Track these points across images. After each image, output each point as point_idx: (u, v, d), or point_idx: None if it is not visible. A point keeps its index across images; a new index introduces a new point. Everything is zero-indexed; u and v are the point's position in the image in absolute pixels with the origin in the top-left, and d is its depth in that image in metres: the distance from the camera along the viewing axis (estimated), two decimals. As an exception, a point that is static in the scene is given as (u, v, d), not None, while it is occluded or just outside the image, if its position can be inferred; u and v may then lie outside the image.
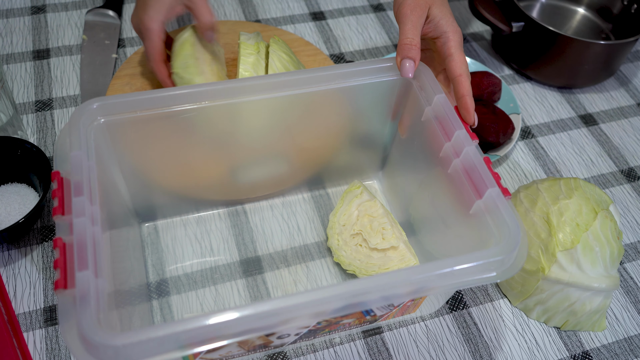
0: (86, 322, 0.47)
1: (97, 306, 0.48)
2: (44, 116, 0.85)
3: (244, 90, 0.64)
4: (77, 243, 0.51)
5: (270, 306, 0.49)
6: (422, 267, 0.52)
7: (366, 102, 0.70)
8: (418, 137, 0.69)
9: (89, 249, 0.51)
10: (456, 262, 0.52)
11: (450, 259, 0.53)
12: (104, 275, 0.51)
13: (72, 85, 0.89)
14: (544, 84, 0.99)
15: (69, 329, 0.48)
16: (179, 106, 0.62)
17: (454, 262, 0.52)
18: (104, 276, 0.51)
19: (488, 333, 0.70)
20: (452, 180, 0.62)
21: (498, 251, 0.53)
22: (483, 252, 0.53)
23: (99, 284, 0.50)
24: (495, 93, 0.88)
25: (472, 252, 0.53)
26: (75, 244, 0.51)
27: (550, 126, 0.94)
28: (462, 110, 0.64)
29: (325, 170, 0.80)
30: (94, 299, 0.48)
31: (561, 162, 0.89)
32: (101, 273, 0.51)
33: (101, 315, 0.48)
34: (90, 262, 0.50)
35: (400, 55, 0.65)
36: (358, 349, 0.68)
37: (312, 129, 0.72)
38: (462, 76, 0.65)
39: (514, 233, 0.54)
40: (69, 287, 0.49)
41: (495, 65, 1.02)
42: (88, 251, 0.51)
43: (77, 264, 0.49)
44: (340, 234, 0.73)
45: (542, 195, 0.71)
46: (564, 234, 0.67)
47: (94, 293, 0.49)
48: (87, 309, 0.47)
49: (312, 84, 0.66)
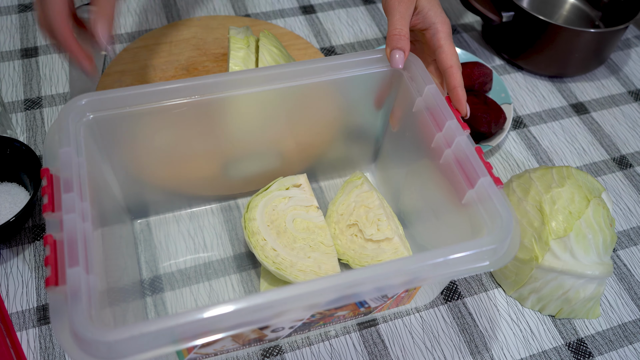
0: (78, 318, 0.46)
1: (88, 302, 0.48)
2: (33, 115, 0.84)
3: (235, 84, 0.63)
4: (67, 239, 0.50)
5: (264, 299, 0.49)
6: (415, 257, 0.52)
7: (357, 94, 0.70)
8: (409, 128, 0.69)
9: (79, 245, 0.50)
10: (449, 252, 0.52)
11: (443, 248, 0.52)
12: (96, 272, 0.51)
13: (61, 83, 0.89)
14: (535, 74, 0.99)
15: (61, 326, 0.47)
16: (169, 101, 0.62)
17: (447, 251, 0.52)
18: (96, 273, 0.51)
19: (483, 323, 0.70)
20: (444, 170, 0.62)
21: (491, 240, 0.53)
22: (476, 242, 0.53)
23: (90, 280, 0.50)
24: (486, 83, 0.88)
25: (465, 242, 0.53)
26: (65, 241, 0.50)
27: (542, 115, 0.94)
28: (454, 102, 0.64)
29: (318, 164, 0.80)
30: (86, 295, 0.48)
31: (553, 151, 0.89)
32: (92, 269, 0.50)
33: (93, 312, 0.48)
34: (81, 259, 0.50)
35: (390, 46, 0.64)
36: (354, 341, 0.68)
37: (304, 122, 0.72)
38: (453, 67, 0.65)
39: (507, 221, 0.54)
40: (60, 284, 0.49)
41: (486, 55, 1.02)
42: (79, 247, 0.50)
43: (68, 260, 0.49)
44: (337, 223, 0.73)
45: (535, 184, 0.71)
46: (556, 222, 0.67)
47: (86, 289, 0.48)
48: (79, 305, 0.47)
49: (303, 76, 0.65)
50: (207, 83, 0.63)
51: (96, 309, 0.48)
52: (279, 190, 0.72)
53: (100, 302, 0.50)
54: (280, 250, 0.67)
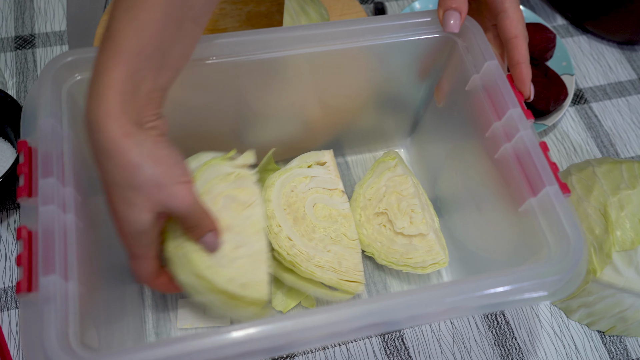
0: (49, 340, 0.39)
1: (64, 319, 0.40)
2: (25, 55, 0.74)
3: (254, 46, 0.53)
4: (42, 239, 0.42)
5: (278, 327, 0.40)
6: (460, 285, 0.43)
7: (399, 62, 0.59)
8: (459, 108, 0.58)
9: (57, 245, 0.42)
10: (502, 281, 0.43)
11: (494, 277, 0.43)
12: (77, 278, 0.42)
13: (57, 19, 0.78)
14: (603, 38, 0.86)
15: (31, 345, 0.40)
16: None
17: (499, 281, 0.43)
18: (77, 279, 0.42)
19: (522, 335, 0.62)
20: (499, 167, 0.52)
21: (554, 269, 0.44)
22: (535, 269, 0.44)
23: (69, 290, 0.42)
24: (548, 50, 0.75)
25: (522, 269, 0.44)
26: (40, 240, 0.42)
27: (607, 90, 0.81)
28: (516, 82, 0.53)
29: (347, 134, 0.70)
30: (61, 310, 0.40)
31: (616, 134, 0.77)
32: (73, 275, 0.42)
33: (71, 330, 0.40)
34: (58, 263, 0.42)
35: (443, 6, 0.53)
36: (374, 347, 0.60)
37: (333, 84, 0.62)
38: (518, 38, 0.53)
39: (576, 247, 0.44)
40: (33, 290, 0.41)
41: (546, 12, 0.88)
42: (56, 248, 0.42)
43: (42, 266, 0.41)
44: (363, 209, 0.64)
45: (599, 182, 0.60)
46: (622, 232, 0.57)
47: (62, 302, 0.41)
48: (51, 324, 0.39)
49: (335, 40, 0.55)
50: (224, 43, 0.52)
51: (75, 326, 0.41)
52: (299, 167, 0.62)
53: (81, 315, 0.42)
54: (296, 240, 0.58)
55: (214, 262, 0.50)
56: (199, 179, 0.53)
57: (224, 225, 0.52)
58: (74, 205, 0.45)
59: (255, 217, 0.54)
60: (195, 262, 0.49)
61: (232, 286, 0.49)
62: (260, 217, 0.54)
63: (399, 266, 0.60)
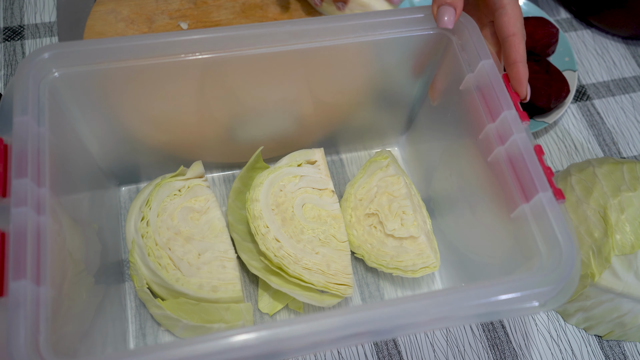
0: (18, 348, 0.37)
1: (35, 325, 0.39)
2: (14, 47, 0.72)
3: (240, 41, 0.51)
4: (14, 242, 0.41)
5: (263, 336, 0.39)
6: (449, 295, 0.41)
7: (392, 58, 0.57)
8: (453, 108, 0.56)
9: (29, 249, 0.41)
10: (493, 292, 0.41)
11: (484, 287, 0.42)
12: (49, 281, 0.41)
13: (47, 10, 0.76)
14: (607, 33, 0.83)
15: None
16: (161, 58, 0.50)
17: (490, 291, 0.41)
18: (49, 282, 0.41)
19: (517, 339, 0.60)
20: (492, 171, 0.50)
21: (546, 279, 0.42)
22: (526, 280, 0.42)
23: (40, 294, 0.40)
24: (550, 46, 0.73)
25: (512, 278, 0.42)
26: (11, 243, 0.40)
27: (610, 86, 0.79)
28: (512, 81, 0.51)
29: (341, 131, 0.68)
30: (31, 316, 0.39)
31: (619, 133, 0.75)
32: (45, 279, 0.41)
33: (42, 337, 0.39)
34: (29, 268, 0.40)
35: (438, 2, 0.51)
36: (365, 350, 0.59)
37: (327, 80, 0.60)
38: (515, 36, 0.51)
39: (568, 256, 0.43)
40: (3, 295, 0.39)
41: (549, 5, 0.86)
42: (28, 252, 0.41)
43: (13, 270, 0.39)
44: (354, 209, 0.62)
45: (600, 183, 0.58)
46: (622, 235, 0.55)
47: (32, 309, 0.39)
48: (21, 331, 0.38)
49: (326, 36, 0.53)
50: (209, 38, 0.51)
51: (47, 333, 0.39)
52: (289, 166, 0.61)
53: (55, 321, 0.40)
54: (284, 241, 0.57)
55: (181, 274, 0.51)
56: (153, 202, 0.55)
57: (185, 236, 0.53)
58: (49, 207, 0.43)
59: (213, 221, 0.56)
60: (164, 278, 0.50)
61: (203, 292, 0.50)
62: (218, 219, 0.56)
63: (389, 269, 0.58)
